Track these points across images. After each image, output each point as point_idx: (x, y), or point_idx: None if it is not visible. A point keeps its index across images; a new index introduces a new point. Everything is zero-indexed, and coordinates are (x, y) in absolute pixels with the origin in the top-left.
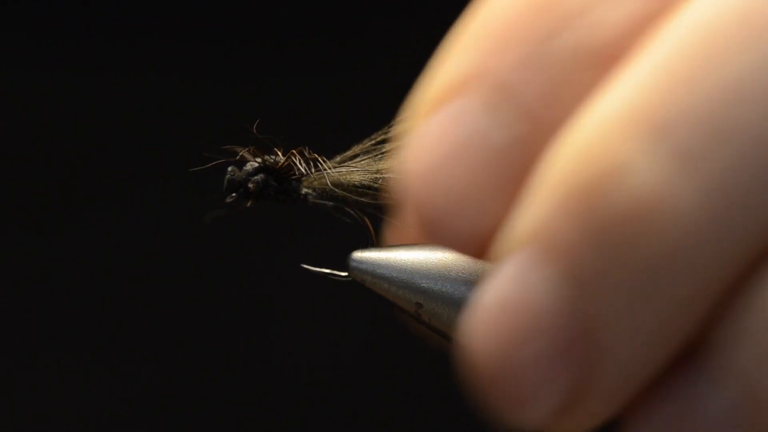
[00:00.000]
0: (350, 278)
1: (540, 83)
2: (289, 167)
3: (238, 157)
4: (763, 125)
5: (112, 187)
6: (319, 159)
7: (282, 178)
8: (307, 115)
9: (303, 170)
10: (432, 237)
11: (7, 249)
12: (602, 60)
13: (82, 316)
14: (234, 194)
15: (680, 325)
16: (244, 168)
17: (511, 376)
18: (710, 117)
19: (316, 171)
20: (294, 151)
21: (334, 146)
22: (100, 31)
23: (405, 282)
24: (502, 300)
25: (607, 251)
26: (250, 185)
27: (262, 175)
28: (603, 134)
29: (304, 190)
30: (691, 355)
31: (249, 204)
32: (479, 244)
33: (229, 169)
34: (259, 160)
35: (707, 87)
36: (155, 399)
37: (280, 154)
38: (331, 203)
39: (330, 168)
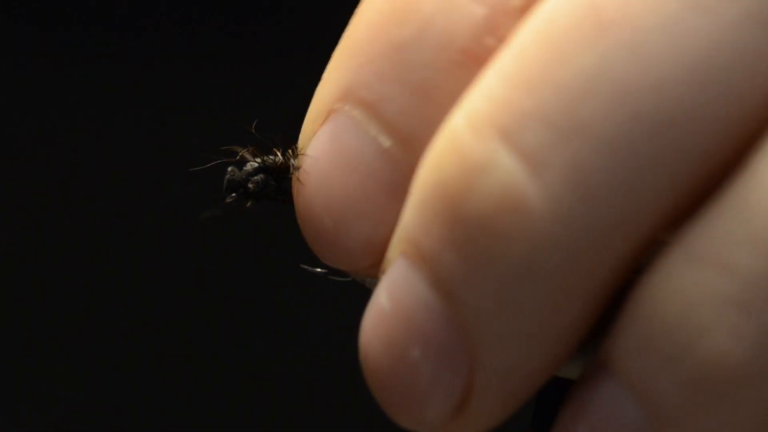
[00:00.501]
0: (350, 278)
1: (402, 95)
2: (289, 166)
3: (238, 157)
4: (605, 123)
5: (111, 186)
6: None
7: (282, 178)
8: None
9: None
10: (324, 252)
11: (6, 248)
12: (467, 62)
13: (82, 316)
14: (234, 194)
15: (562, 326)
16: (244, 168)
17: (399, 380)
18: (554, 116)
19: None
20: (290, 150)
21: None
22: (99, 30)
23: None
24: (382, 308)
25: (468, 255)
26: (250, 185)
27: (262, 175)
28: (455, 138)
29: None
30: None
31: (249, 204)
32: (374, 255)
33: (229, 169)
34: (258, 160)
35: (549, 86)
36: (154, 399)
37: (279, 153)
38: None
39: None
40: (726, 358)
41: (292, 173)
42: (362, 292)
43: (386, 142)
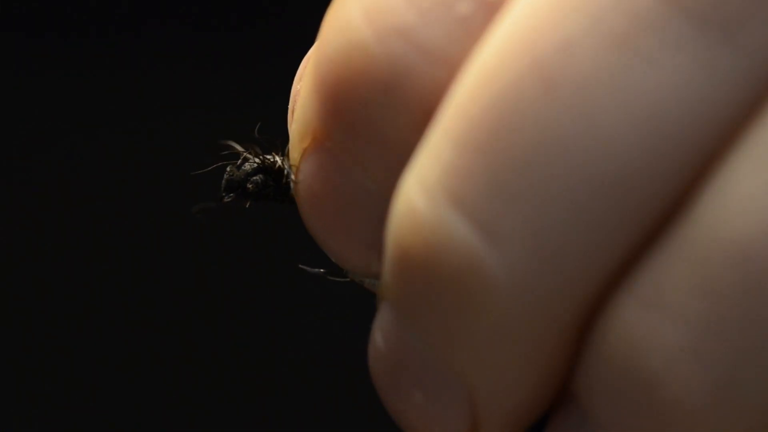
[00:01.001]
0: (349, 278)
1: (375, 151)
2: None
3: (240, 161)
4: (556, 186)
5: (111, 186)
6: None
7: (280, 178)
8: None
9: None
10: (329, 254)
11: (6, 248)
12: (432, 120)
13: (82, 316)
14: (232, 194)
15: (544, 366)
16: (243, 168)
17: (412, 418)
18: (504, 182)
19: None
20: (287, 155)
21: None
22: (99, 31)
23: None
24: (379, 348)
25: (442, 320)
26: (249, 185)
27: (261, 175)
28: (410, 204)
29: None
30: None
31: (248, 204)
32: (378, 260)
33: (228, 168)
34: (258, 160)
35: (498, 152)
36: (154, 399)
37: (278, 155)
38: None
39: None
40: (682, 405)
41: (290, 181)
42: (362, 293)
43: (371, 186)
